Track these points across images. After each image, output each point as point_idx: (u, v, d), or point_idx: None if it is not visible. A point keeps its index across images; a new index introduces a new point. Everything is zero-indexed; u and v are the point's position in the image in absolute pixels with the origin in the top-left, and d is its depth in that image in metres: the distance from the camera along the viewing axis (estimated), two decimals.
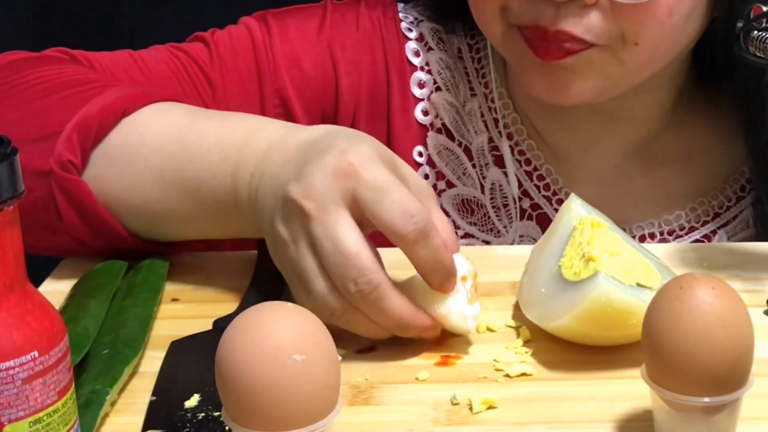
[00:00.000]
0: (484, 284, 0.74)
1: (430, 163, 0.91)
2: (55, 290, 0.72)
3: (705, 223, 0.91)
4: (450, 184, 0.91)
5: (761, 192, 0.89)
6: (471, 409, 0.59)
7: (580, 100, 0.81)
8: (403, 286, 0.64)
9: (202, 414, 0.58)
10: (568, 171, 0.91)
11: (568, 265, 0.65)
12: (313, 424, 0.48)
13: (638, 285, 0.63)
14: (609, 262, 0.63)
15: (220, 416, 0.57)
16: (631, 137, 0.90)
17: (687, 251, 0.79)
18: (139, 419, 0.59)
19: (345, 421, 0.56)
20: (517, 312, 0.69)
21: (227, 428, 0.56)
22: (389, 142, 0.91)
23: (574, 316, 0.62)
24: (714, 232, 0.91)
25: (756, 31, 0.72)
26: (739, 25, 0.75)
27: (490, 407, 0.59)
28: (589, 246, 0.64)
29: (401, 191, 0.62)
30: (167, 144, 0.73)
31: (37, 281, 0.72)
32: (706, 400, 0.51)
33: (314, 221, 0.62)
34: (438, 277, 0.63)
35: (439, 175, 0.91)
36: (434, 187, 0.91)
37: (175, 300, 0.73)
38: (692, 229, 0.91)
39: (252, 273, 0.74)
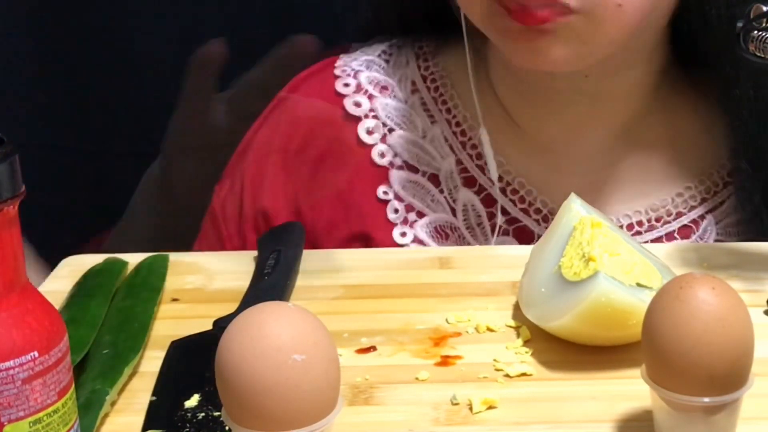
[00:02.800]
0: (484, 284, 0.74)
1: (398, 198, 0.91)
2: (55, 290, 0.72)
3: (692, 208, 0.90)
4: (421, 214, 0.91)
5: (744, 184, 0.88)
6: (471, 409, 0.59)
7: (564, 66, 0.81)
8: None
9: (202, 414, 0.58)
10: (553, 162, 0.90)
11: (568, 265, 0.65)
12: (313, 424, 0.48)
13: (638, 285, 0.63)
14: (609, 262, 0.63)
15: (220, 416, 0.57)
16: (616, 118, 0.89)
17: (687, 251, 0.79)
18: (139, 419, 0.59)
19: (345, 421, 0.56)
20: (517, 312, 0.69)
21: (227, 428, 0.56)
22: (339, 202, 0.91)
23: (574, 316, 0.62)
24: (702, 217, 0.90)
25: (756, 31, 0.72)
26: (739, 25, 0.75)
27: (490, 407, 0.59)
28: (589, 246, 0.64)
29: None
30: None
31: (37, 281, 0.72)
32: (706, 400, 0.51)
33: None
34: None
35: (409, 208, 0.91)
36: (405, 219, 0.91)
37: (175, 300, 0.73)
38: (679, 215, 0.89)
39: (252, 273, 0.74)
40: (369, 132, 0.92)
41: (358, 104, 0.93)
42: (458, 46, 0.93)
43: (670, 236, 0.89)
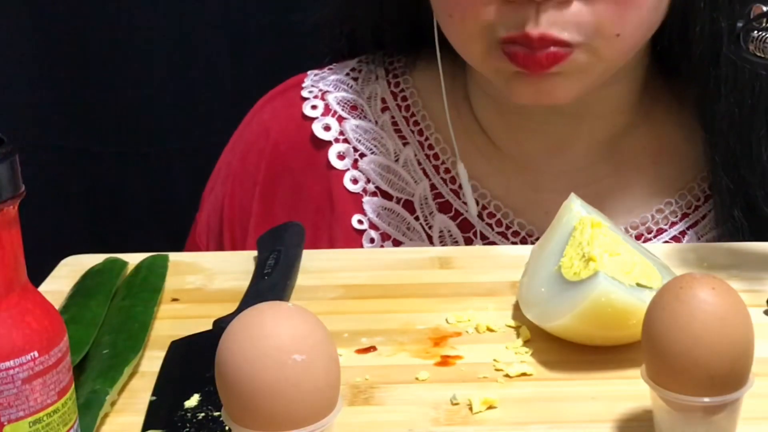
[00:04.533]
0: (484, 284, 0.74)
1: (373, 226, 0.90)
2: (55, 290, 0.72)
3: (673, 224, 0.89)
4: (397, 242, 0.90)
5: (723, 199, 0.87)
6: (471, 409, 0.59)
7: (566, 100, 0.80)
8: None
9: (202, 414, 0.58)
10: (532, 181, 0.89)
11: (568, 265, 0.65)
12: (313, 424, 0.48)
13: (638, 285, 0.63)
14: (609, 262, 0.63)
15: (220, 416, 0.57)
16: (598, 135, 0.89)
17: (687, 251, 0.79)
18: (139, 419, 0.59)
19: (345, 421, 0.56)
20: (517, 312, 0.69)
21: (227, 428, 0.56)
22: (315, 228, 0.90)
23: (574, 316, 0.62)
24: (683, 233, 0.89)
25: (756, 31, 0.72)
26: (739, 25, 0.75)
27: (490, 407, 0.59)
28: (589, 246, 0.64)
29: None
30: None
31: (37, 281, 0.72)
32: (706, 400, 0.51)
33: None
34: None
35: (385, 236, 0.90)
36: (382, 247, 0.89)
37: (175, 300, 0.73)
38: (660, 232, 0.89)
39: (252, 273, 0.74)
40: (340, 157, 0.90)
41: (327, 127, 0.91)
42: (430, 63, 0.91)
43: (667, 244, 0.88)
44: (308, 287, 0.74)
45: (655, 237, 0.89)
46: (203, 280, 0.76)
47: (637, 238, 0.89)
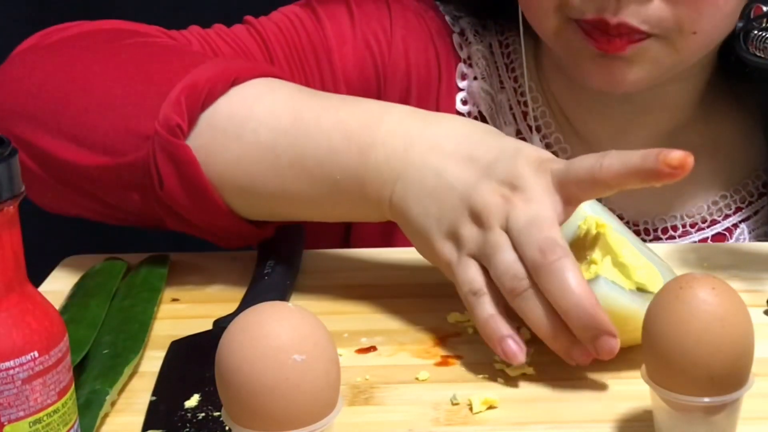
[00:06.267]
0: None
1: None
2: (55, 290, 0.72)
3: (727, 216, 0.91)
4: None
5: None
6: (471, 409, 0.59)
7: (635, 88, 0.82)
8: None
9: (202, 414, 0.58)
10: None
11: None
12: (313, 424, 0.48)
13: (639, 289, 0.63)
14: (610, 266, 0.63)
15: (220, 416, 0.57)
16: (660, 127, 0.91)
17: (687, 251, 0.79)
18: (139, 419, 0.59)
19: (345, 421, 0.56)
20: None
21: (227, 428, 0.56)
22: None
23: None
24: (736, 226, 0.91)
25: (756, 31, 0.72)
26: (739, 25, 0.75)
27: (490, 407, 0.59)
28: (591, 249, 0.64)
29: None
30: (280, 119, 0.70)
31: (37, 281, 0.72)
32: (706, 400, 0.51)
33: (517, 205, 0.62)
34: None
35: None
36: None
37: (175, 300, 0.73)
38: (714, 222, 0.91)
39: (252, 273, 0.74)
40: (463, 77, 0.93)
41: (460, 46, 0.93)
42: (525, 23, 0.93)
43: (703, 243, 0.90)
44: (308, 287, 0.74)
45: (708, 227, 0.91)
46: (203, 280, 0.76)
47: (692, 226, 0.91)
